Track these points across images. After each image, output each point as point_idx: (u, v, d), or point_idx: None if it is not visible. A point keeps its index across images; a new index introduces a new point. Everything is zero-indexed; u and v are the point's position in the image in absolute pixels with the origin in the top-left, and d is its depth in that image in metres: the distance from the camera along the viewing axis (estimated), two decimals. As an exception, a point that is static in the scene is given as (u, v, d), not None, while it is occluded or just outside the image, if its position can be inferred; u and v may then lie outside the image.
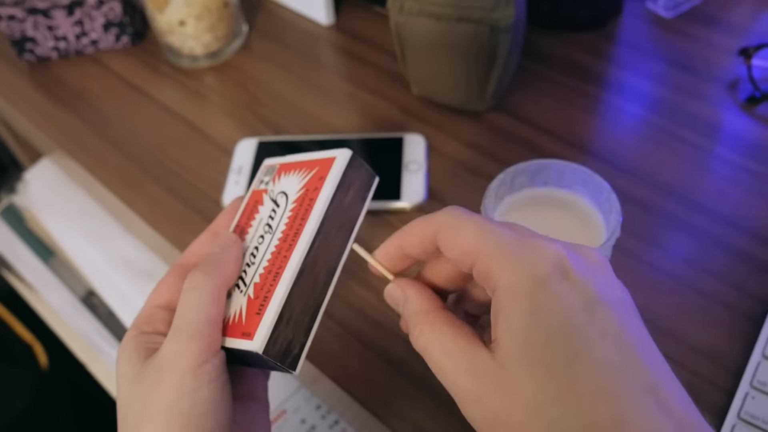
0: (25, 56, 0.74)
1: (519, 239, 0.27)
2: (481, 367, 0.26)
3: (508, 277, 0.26)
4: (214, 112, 0.68)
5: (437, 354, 0.28)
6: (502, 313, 0.26)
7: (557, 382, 0.24)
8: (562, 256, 0.26)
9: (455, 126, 0.63)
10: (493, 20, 0.54)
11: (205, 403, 0.31)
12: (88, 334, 0.77)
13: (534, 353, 0.25)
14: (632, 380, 0.24)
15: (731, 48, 0.67)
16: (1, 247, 0.86)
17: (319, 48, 0.74)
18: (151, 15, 0.70)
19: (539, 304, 0.25)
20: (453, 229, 0.29)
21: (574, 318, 0.25)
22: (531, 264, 0.26)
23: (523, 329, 0.25)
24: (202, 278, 0.34)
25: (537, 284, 0.26)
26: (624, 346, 0.25)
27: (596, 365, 0.24)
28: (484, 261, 0.27)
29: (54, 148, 0.69)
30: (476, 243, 0.28)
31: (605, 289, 0.26)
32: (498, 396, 0.25)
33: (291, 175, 0.39)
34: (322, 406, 0.61)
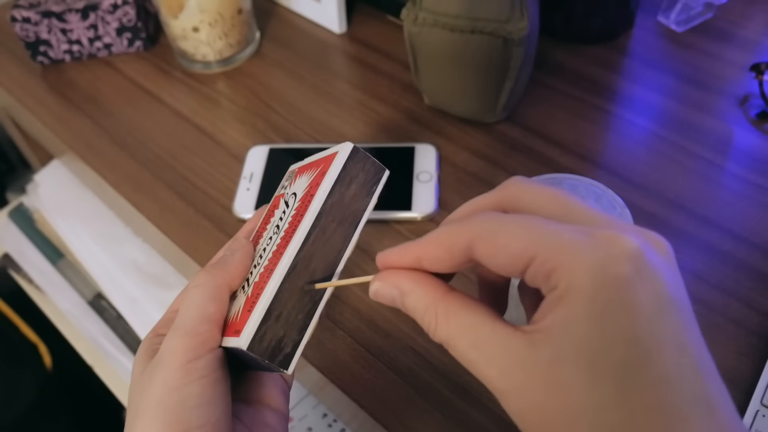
0: (39, 59, 0.75)
1: (584, 233, 0.25)
2: (519, 359, 0.25)
3: (578, 276, 0.24)
4: (226, 118, 0.68)
5: (463, 347, 0.27)
6: (564, 312, 0.24)
7: (614, 390, 0.23)
8: (638, 250, 0.24)
9: (467, 137, 0.63)
10: (506, 32, 0.54)
11: (193, 398, 0.31)
12: (94, 337, 0.78)
13: (595, 358, 0.23)
14: (687, 391, 0.23)
15: (743, 63, 0.67)
16: (9, 248, 0.86)
17: (331, 56, 0.74)
18: (165, 20, 0.71)
19: (611, 310, 0.24)
20: (498, 232, 0.26)
21: (643, 326, 0.23)
22: (605, 262, 0.24)
23: (587, 332, 0.24)
24: (204, 277, 0.35)
25: (610, 284, 0.24)
26: (684, 353, 0.24)
27: (655, 377, 0.23)
28: (544, 262, 0.25)
29: (65, 151, 0.70)
30: (532, 242, 0.25)
31: (674, 288, 0.25)
32: (541, 391, 0.24)
33: (303, 176, 0.38)
34: (328, 414, 0.61)
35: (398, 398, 0.47)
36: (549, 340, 0.24)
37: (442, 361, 0.48)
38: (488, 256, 0.26)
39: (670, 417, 0.23)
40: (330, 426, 0.60)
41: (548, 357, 0.24)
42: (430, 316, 0.28)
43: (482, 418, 0.45)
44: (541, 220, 0.26)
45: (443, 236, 0.28)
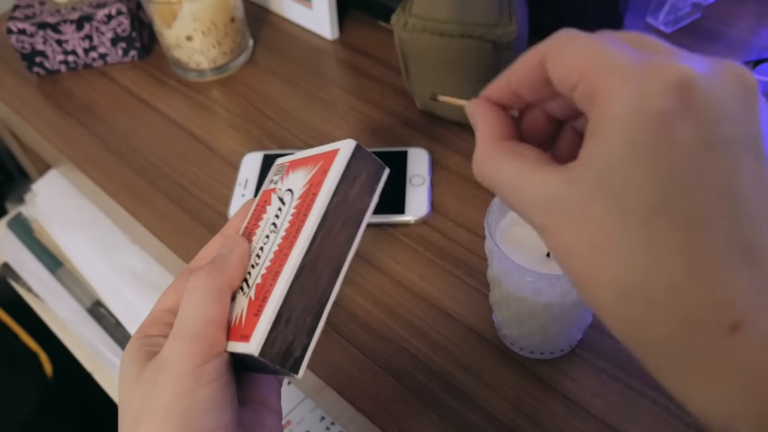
0: (35, 70, 0.75)
1: (640, 58, 0.23)
2: (555, 196, 0.24)
3: (616, 103, 0.23)
4: (220, 125, 0.69)
5: (505, 192, 0.27)
6: (598, 141, 0.23)
7: (639, 228, 0.22)
8: (689, 81, 0.22)
9: (459, 140, 0.63)
10: (495, 36, 0.55)
11: (204, 402, 0.31)
12: (94, 344, 0.78)
13: (623, 194, 0.22)
14: (721, 235, 0.22)
15: (731, 63, 0.67)
16: (8, 257, 0.87)
17: (323, 62, 0.75)
18: (159, 30, 0.71)
19: (646, 145, 0.22)
20: (562, 47, 0.26)
21: (677, 165, 0.22)
22: (647, 92, 0.22)
23: (618, 166, 0.22)
24: (204, 278, 0.34)
25: (648, 117, 0.22)
26: (725, 196, 0.22)
27: (684, 217, 0.22)
28: (590, 80, 0.24)
29: (62, 160, 0.70)
30: (585, 60, 0.24)
31: (733, 126, 0.22)
32: (575, 227, 0.24)
33: (298, 171, 0.37)
34: (326, 417, 0.61)
35: (394, 400, 0.47)
36: (584, 175, 0.24)
37: (436, 362, 0.49)
38: (553, 67, 0.26)
39: (697, 259, 0.22)
40: (328, 429, 0.61)
41: (583, 192, 0.23)
42: (477, 157, 0.29)
43: (477, 419, 0.46)
44: (611, 40, 0.25)
45: (524, 55, 0.28)
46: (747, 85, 0.23)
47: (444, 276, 0.53)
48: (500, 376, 0.47)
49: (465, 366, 0.48)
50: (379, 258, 0.55)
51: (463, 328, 0.50)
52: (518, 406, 0.46)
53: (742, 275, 0.21)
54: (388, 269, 0.54)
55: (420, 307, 0.52)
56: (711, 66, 0.23)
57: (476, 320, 0.50)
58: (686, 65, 0.22)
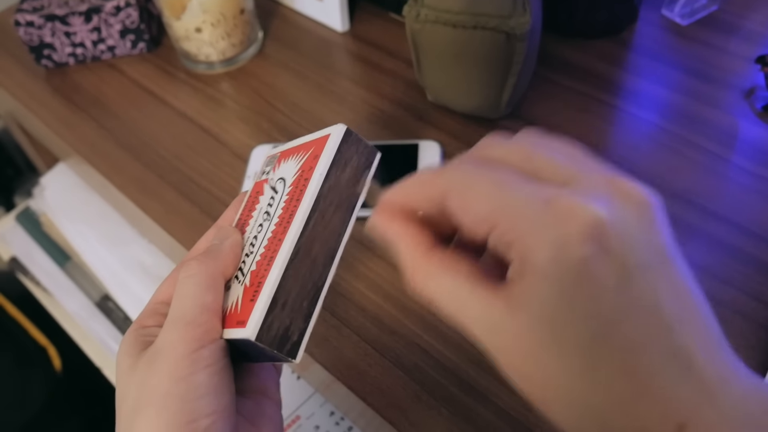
0: (43, 62, 0.75)
1: (547, 203, 0.24)
2: (496, 325, 0.25)
3: (537, 256, 0.24)
4: (230, 118, 0.68)
5: (446, 309, 0.26)
6: (528, 286, 0.24)
7: (581, 361, 0.24)
8: (600, 225, 0.23)
9: (470, 133, 0.63)
10: (509, 27, 0.54)
11: (201, 387, 0.31)
12: (102, 338, 0.78)
13: (560, 331, 0.24)
14: (656, 351, 0.23)
15: (748, 55, 0.66)
16: (17, 251, 0.87)
17: (334, 54, 0.74)
18: (168, 22, 0.71)
19: (571, 289, 0.23)
20: (464, 191, 0.26)
21: (605, 301, 0.23)
22: (564, 243, 0.23)
23: (550, 307, 0.24)
24: (196, 267, 0.34)
25: (570, 266, 0.23)
26: (652, 314, 0.24)
27: (621, 345, 0.23)
28: (506, 233, 0.24)
29: (70, 153, 0.70)
30: (493, 210, 0.25)
31: (644, 251, 0.24)
32: (519, 355, 0.25)
33: (290, 160, 0.37)
34: (335, 412, 0.61)
35: (405, 395, 0.47)
36: (521, 309, 0.24)
37: (448, 357, 0.48)
38: (456, 212, 0.26)
39: (635, 379, 0.23)
40: (337, 424, 0.60)
41: (522, 326, 0.24)
42: (407, 272, 0.28)
43: (489, 414, 0.45)
44: (512, 178, 0.25)
45: (423, 181, 0.28)
46: (642, 205, 0.25)
47: (456, 270, 0.53)
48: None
49: (476, 361, 0.48)
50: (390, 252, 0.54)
51: (476, 323, 0.49)
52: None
53: (680, 381, 0.23)
54: (399, 263, 0.54)
55: (431, 301, 0.51)
56: (610, 198, 0.25)
57: (488, 315, 0.50)
58: (593, 207, 0.23)
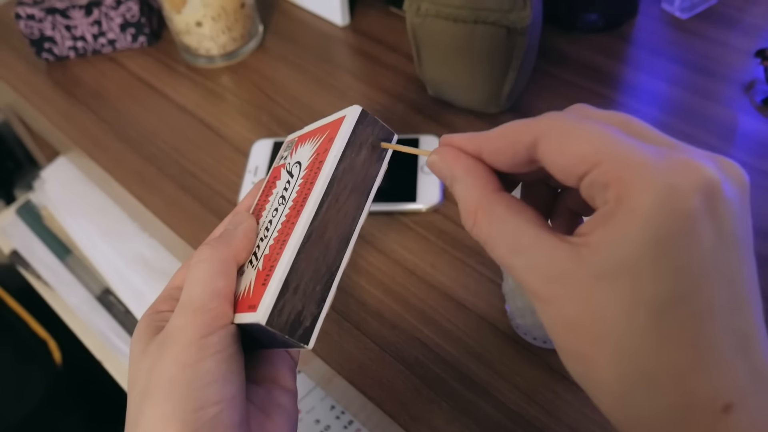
0: (44, 55, 0.75)
1: (664, 153, 0.23)
2: (559, 270, 0.24)
3: (642, 198, 0.22)
4: (230, 112, 0.68)
5: (502, 250, 0.26)
6: (617, 230, 0.23)
7: (651, 318, 0.23)
8: (714, 184, 0.23)
9: (470, 127, 0.63)
10: (509, 22, 0.54)
11: (209, 374, 0.30)
12: (103, 332, 0.78)
13: (640, 284, 0.23)
14: (724, 324, 0.23)
15: (748, 49, 0.66)
16: (17, 245, 0.87)
17: (334, 48, 0.74)
18: (168, 15, 0.71)
19: (670, 241, 0.22)
20: (566, 131, 0.25)
21: (697, 262, 0.23)
22: (677, 191, 0.22)
23: (638, 256, 0.23)
24: (208, 252, 0.33)
25: (675, 215, 0.22)
26: (732, 286, 0.23)
27: (695, 312, 0.23)
28: (609, 171, 0.23)
29: (71, 147, 0.70)
30: (600, 148, 0.24)
31: (742, 223, 0.24)
32: (577, 305, 0.24)
33: (306, 144, 0.36)
34: (336, 406, 0.61)
35: (405, 389, 0.47)
36: (595, 256, 0.23)
37: (448, 351, 0.48)
38: (552, 152, 0.25)
39: (700, 349, 0.23)
40: (338, 418, 0.60)
41: (591, 273, 0.23)
42: (469, 211, 0.27)
43: (489, 408, 0.45)
44: (617, 130, 0.24)
45: (509, 129, 0.27)
46: (745, 185, 0.25)
47: (456, 265, 0.53)
48: (513, 366, 0.47)
49: (477, 355, 0.48)
50: (391, 246, 0.55)
51: (476, 317, 0.50)
52: (531, 396, 0.45)
53: (737, 362, 0.23)
54: (400, 258, 0.54)
55: (432, 296, 0.51)
56: (720, 163, 0.24)
57: (488, 310, 0.50)
58: (709, 167, 0.23)
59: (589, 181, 0.24)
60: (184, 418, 0.29)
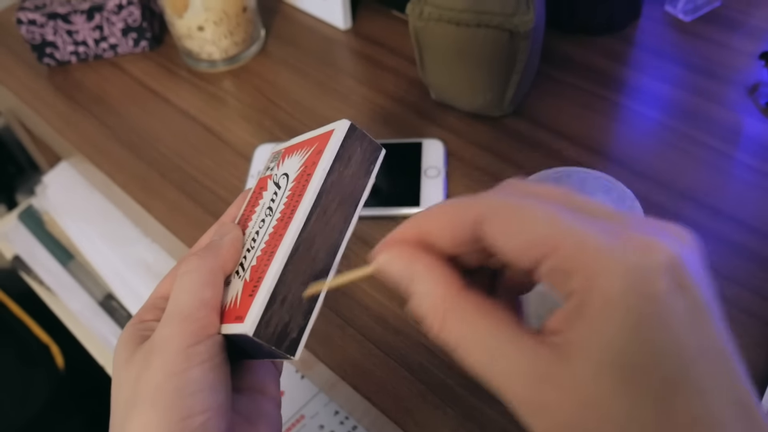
0: (45, 60, 0.75)
1: (619, 234, 0.23)
2: (545, 373, 0.23)
3: (609, 286, 0.22)
4: (233, 116, 0.68)
5: (476, 356, 0.24)
6: (594, 323, 0.22)
7: (654, 406, 0.22)
8: (678, 260, 0.22)
9: (474, 131, 0.62)
10: (512, 25, 0.54)
11: (194, 383, 0.30)
12: (106, 337, 0.78)
13: (635, 374, 0.22)
14: (723, 398, 0.22)
15: (751, 52, 0.66)
16: (20, 250, 0.87)
17: (336, 52, 0.74)
18: (170, 20, 0.71)
19: (646, 322, 0.22)
20: (513, 213, 0.24)
21: (681, 340, 0.22)
22: (644, 274, 0.22)
23: (621, 346, 0.22)
24: (195, 262, 0.33)
25: (647, 299, 0.22)
26: (719, 359, 0.23)
27: (696, 390, 0.22)
28: (568, 258, 0.22)
29: (73, 152, 0.70)
30: (553, 232, 0.23)
31: (703, 288, 0.23)
32: (576, 409, 0.22)
33: (294, 156, 0.37)
34: (340, 411, 0.61)
35: (410, 395, 0.47)
36: (583, 355, 0.22)
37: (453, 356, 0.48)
38: (500, 235, 0.24)
39: (710, 427, 0.22)
40: (342, 423, 0.60)
41: (585, 374, 0.22)
42: (436, 311, 0.25)
43: (495, 414, 0.45)
44: (563, 208, 0.23)
45: (450, 207, 0.26)
46: (699, 251, 0.24)
47: (460, 269, 0.52)
48: None
49: (482, 361, 0.47)
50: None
51: (480, 322, 0.49)
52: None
53: (746, 429, 0.22)
54: (403, 262, 0.53)
55: (436, 300, 0.51)
56: (671, 234, 0.24)
57: (493, 314, 0.50)
58: (667, 242, 0.23)
59: (547, 269, 0.23)
60: (171, 427, 0.29)
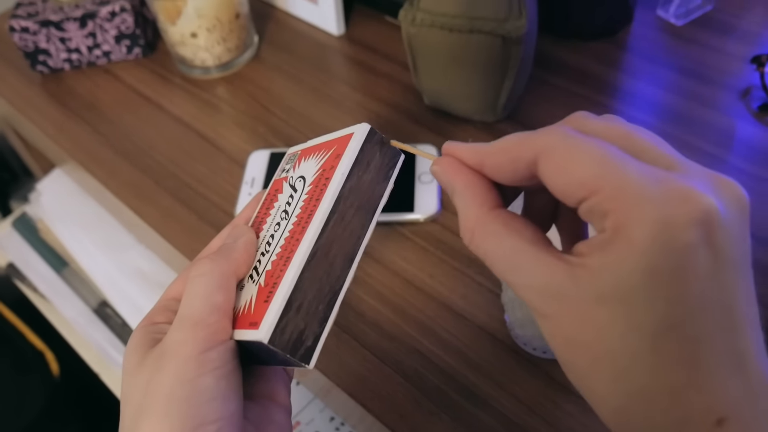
0: (38, 68, 0.75)
1: (662, 182, 0.23)
2: (557, 288, 0.24)
3: (638, 230, 0.23)
4: (226, 123, 0.68)
5: (500, 267, 0.26)
6: (614, 257, 0.23)
7: (647, 340, 0.23)
8: (711, 216, 0.23)
9: (468, 136, 0.63)
10: (505, 31, 0.54)
11: (208, 390, 0.29)
12: (100, 345, 0.78)
13: (636, 309, 0.23)
14: (719, 346, 0.23)
15: (743, 55, 0.66)
16: (14, 257, 0.86)
17: (330, 58, 0.74)
18: (163, 27, 0.71)
19: (666, 270, 0.23)
20: (566, 152, 0.25)
21: (693, 289, 0.23)
22: (672, 224, 0.22)
23: (635, 284, 0.23)
24: (208, 265, 0.33)
25: (671, 248, 0.23)
26: (727, 311, 0.24)
27: (690, 336, 0.23)
28: (603, 200, 0.23)
29: (66, 159, 0.70)
30: (600, 174, 0.24)
31: (740, 247, 0.24)
32: (575, 325, 0.24)
33: (310, 158, 0.36)
34: (335, 417, 0.61)
35: (405, 401, 0.47)
36: (593, 280, 0.24)
37: (448, 362, 0.48)
38: (551, 173, 0.25)
39: (696, 369, 0.23)
40: (337, 429, 0.60)
41: (589, 295, 0.24)
42: (468, 225, 0.28)
43: (490, 420, 0.45)
44: (617, 151, 0.24)
45: (510, 144, 0.27)
46: (744, 206, 0.25)
47: (455, 275, 0.53)
48: (513, 377, 0.47)
49: (477, 366, 0.48)
50: (389, 257, 0.54)
51: (475, 328, 0.49)
52: (531, 407, 0.45)
53: (731, 380, 0.24)
54: (398, 268, 0.54)
55: (431, 306, 0.51)
56: (718, 185, 0.24)
57: (488, 320, 0.50)
58: (706, 196, 0.23)
59: (587, 207, 0.24)
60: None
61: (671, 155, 0.25)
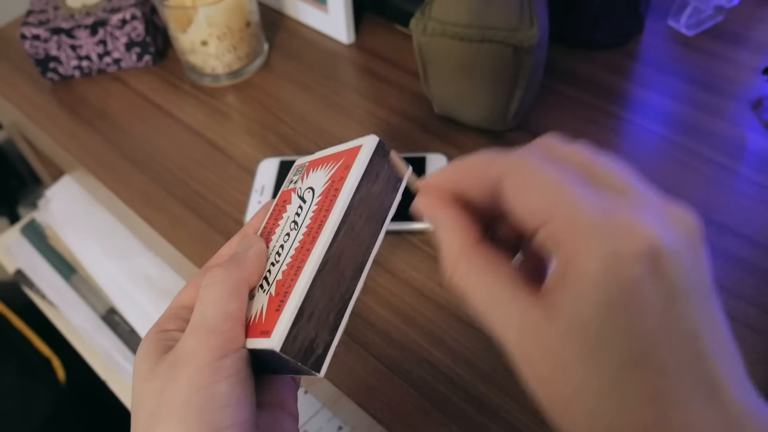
0: (49, 75, 0.75)
1: (608, 214, 0.24)
2: (534, 330, 0.24)
3: (587, 264, 0.23)
4: (236, 131, 0.68)
5: (478, 303, 0.26)
6: (570, 293, 0.24)
7: (610, 378, 0.23)
8: (657, 248, 0.23)
9: (477, 146, 0.62)
10: (516, 41, 0.54)
11: (222, 397, 0.30)
12: (108, 352, 0.78)
13: (597, 344, 0.23)
14: (686, 378, 0.23)
15: (755, 66, 0.66)
16: (22, 264, 0.86)
17: (339, 67, 0.74)
18: (174, 35, 0.71)
19: (618, 303, 0.23)
20: (522, 178, 0.25)
21: (648, 322, 0.23)
22: (618, 258, 0.23)
23: (592, 318, 0.23)
24: (221, 273, 0.33)
25: (620, 282, 0.23)
26: (688, 342, 0.24)
27: (653, 369, 0.23)
28: (558, 231, 0.24)
29: (76, 166, 0.70)
30: (550, 205, 0.24)
31: (690, 275, 0.24)
32: (548, 365, 0.24)
33: (319, 170, 0.37)
34: (343, 427, 0.61)
35: (414, 411, 0.46)
36: (560, 316, 0.24)
37: (458, 373, 0.48)
38: (511, 199, 0.26)
39: (661, 403, 0.23)
40: (345, 439, 0.60)
41: (558, 332, 0.24)
42: (450, 259, 0.27)
43: (500, 430, 0.45)
44: (573, 178, 0.25)
45: (478, 162, 0.27)
46: (692, 231, 0.25)
47: (464, 284, 0.52)
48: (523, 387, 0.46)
49: (487, 376, 0.47)
50: (398, 266, 0.54)
51: (484, 337, 0.49)
52: (542, 418, 0.45)
53: (707, 413, 0.23)
54: (408, 277, 0.53)
55: (440, 316, 0.51)
56: (670, 218, 0.25)
57: (498, 330, 0.49)
58: (652, 228, 0.23)
59: (541, 236, 0.25)
60: None
61: (628, 183, 0.26)
